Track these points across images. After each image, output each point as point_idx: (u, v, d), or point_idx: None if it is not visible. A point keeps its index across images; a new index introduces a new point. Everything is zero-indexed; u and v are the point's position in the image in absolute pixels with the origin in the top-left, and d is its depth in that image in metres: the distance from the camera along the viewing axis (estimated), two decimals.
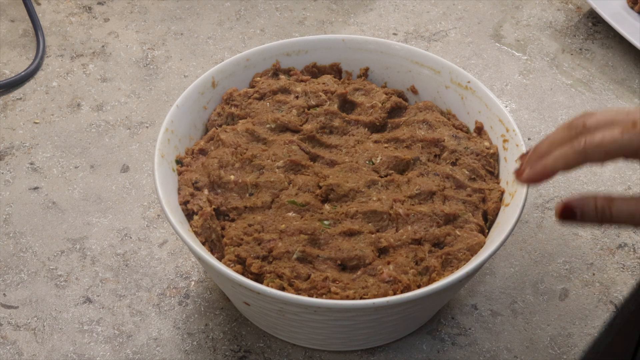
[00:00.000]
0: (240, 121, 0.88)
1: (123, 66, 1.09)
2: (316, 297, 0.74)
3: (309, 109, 0.89)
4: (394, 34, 1.16)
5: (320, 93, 0.90)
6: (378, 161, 0.85)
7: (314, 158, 0.85)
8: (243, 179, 0.82)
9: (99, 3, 1.18)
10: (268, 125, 0.87)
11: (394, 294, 0.74)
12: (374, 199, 0.81)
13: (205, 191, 0.82)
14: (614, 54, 1.13)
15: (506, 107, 1.02)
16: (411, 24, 1.17)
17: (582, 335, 0.84)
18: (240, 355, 0.82)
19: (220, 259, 0.78)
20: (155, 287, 0.87)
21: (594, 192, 0.67)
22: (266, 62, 0.92)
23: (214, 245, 0.79)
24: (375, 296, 0.74)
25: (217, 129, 0.87)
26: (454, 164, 0.85)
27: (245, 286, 0.73)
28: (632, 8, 1.15)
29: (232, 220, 0.81)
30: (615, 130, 0.66)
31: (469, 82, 0.89)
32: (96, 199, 0.95)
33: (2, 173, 0.97)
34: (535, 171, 0.70)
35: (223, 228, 0.80)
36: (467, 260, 0.78)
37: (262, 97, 0.90)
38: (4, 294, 0.86)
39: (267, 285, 0.74)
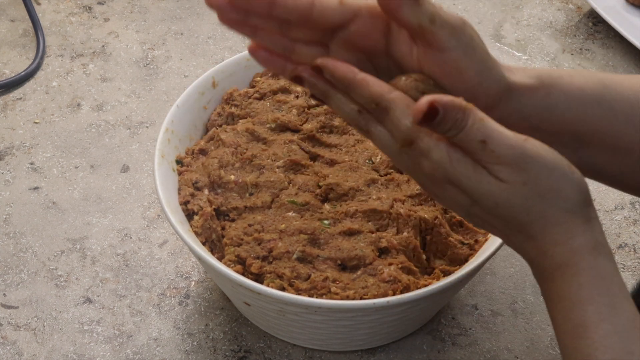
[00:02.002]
0: (240, 121, 0.88)
1: (123, 66, 1.09)
2: (316, 298, 0.74)
3: (309, 109, 0.88)
4: None
5: None
6: (378, 160, 0.84)
7: (314, 157, 0.85)
8: (243, 178, 0.82)
9: (99, 3, 1.18)
10: (268, 125, 0.86)
11: (394, 294, 0.74)
12: (374, 197, 0.80)
13: (206, 191, 0.82)
14: (614, 53, 1.13)
15: None
16: None
17: None
18: (240, 355, 0.82)
19: (220, 259, 0.77)
20: (155, 287, 0.87)
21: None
22: None
23: (214, 245, 0.79)
24: (375, 296, 0.74)
25: (217, 128, 0.87)
26: None
27: (246, 286, 0.73)
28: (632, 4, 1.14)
29: (232, 220, 0.80)
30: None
31: None
32: (96, 199, 0.94)
33: (2, 173, 0.97)
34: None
35: (223, 228, 0.80)
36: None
37: (262, 97, 0.90)
38: (4, 294, 0.86)
39: (267, 286, 0.74)
